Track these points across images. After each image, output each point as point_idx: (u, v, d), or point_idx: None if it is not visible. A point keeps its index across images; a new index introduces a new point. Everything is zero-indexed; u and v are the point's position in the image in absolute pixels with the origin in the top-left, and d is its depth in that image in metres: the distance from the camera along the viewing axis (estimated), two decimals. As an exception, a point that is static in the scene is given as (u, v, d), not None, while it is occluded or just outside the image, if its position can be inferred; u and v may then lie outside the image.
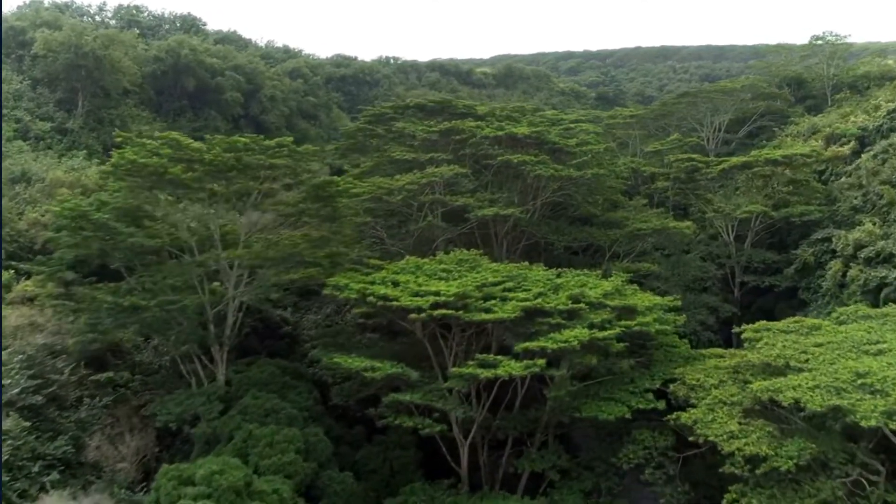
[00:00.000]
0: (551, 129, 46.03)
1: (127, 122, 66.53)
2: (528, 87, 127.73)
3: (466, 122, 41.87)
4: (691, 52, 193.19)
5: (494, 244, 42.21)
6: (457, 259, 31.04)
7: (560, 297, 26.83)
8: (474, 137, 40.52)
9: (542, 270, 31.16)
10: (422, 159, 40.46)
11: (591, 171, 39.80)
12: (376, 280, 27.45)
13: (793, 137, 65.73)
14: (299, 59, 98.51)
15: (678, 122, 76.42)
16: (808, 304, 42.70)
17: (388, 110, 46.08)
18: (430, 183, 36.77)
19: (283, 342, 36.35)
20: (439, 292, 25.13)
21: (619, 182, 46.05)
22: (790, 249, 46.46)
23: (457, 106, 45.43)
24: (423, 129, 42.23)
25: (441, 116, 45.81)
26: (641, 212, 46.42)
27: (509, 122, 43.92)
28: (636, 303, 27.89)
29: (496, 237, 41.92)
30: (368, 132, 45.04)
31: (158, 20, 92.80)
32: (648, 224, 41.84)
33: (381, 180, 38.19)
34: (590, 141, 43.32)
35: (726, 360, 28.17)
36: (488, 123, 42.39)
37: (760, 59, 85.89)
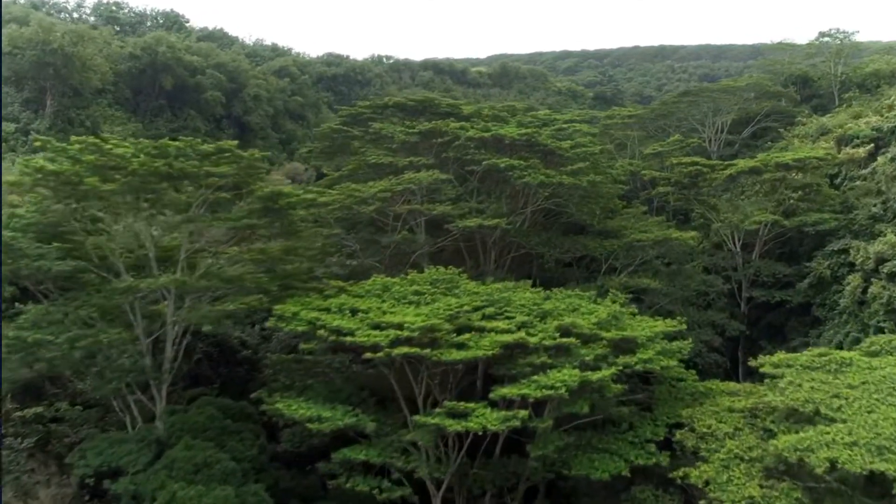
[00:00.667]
0: (543, 130, 41.74)
1: (99, 122, 62.29)
2: (525, 86, 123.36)
3: (449, 122, 37.52)
4: (690, 52, 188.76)
5: (481, 257, 37.96)
6: (431, 278, 26.76)
7: (547, 328, 22.55)
8: (458, 140, 36.21)
9: (528, 292, 26.90)
10: (400, 164, 36.23)
11: (586, 178, 35.46)
12: (333, 307, 23.15)
13: (800, 139, 61.43)
14: (287, 58, 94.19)
15: (678, 122, 72.10)
16: (824, 323, 38.41)
17: (365, 110, 41.77)
18: (406, 190, 32.43)
19: (241, 369, 32.08)
20: (403, 325, 20.83)
21: (616, 187, 41.66)
22: (802, 261, 42.12)
23: (440, 105, 41.09)
24: (402, 130, 37.94)
25: (423, 116, 41.55)
26: (641, 220, 42.08)
27: (496, 123, 39.58)
28: (636, 334, 23.59)
29: (483, 249, 37.65)
30: (344, 134, 40.72)
31: (140, 17, 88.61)
32: (648, 235, 37.51)
33: (353, 187, 33.90)
34: (585, 143, 38.98)
35: (741, 399, 23.85)
36: (473, 124, 38.04)
37: (764, 58, 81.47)
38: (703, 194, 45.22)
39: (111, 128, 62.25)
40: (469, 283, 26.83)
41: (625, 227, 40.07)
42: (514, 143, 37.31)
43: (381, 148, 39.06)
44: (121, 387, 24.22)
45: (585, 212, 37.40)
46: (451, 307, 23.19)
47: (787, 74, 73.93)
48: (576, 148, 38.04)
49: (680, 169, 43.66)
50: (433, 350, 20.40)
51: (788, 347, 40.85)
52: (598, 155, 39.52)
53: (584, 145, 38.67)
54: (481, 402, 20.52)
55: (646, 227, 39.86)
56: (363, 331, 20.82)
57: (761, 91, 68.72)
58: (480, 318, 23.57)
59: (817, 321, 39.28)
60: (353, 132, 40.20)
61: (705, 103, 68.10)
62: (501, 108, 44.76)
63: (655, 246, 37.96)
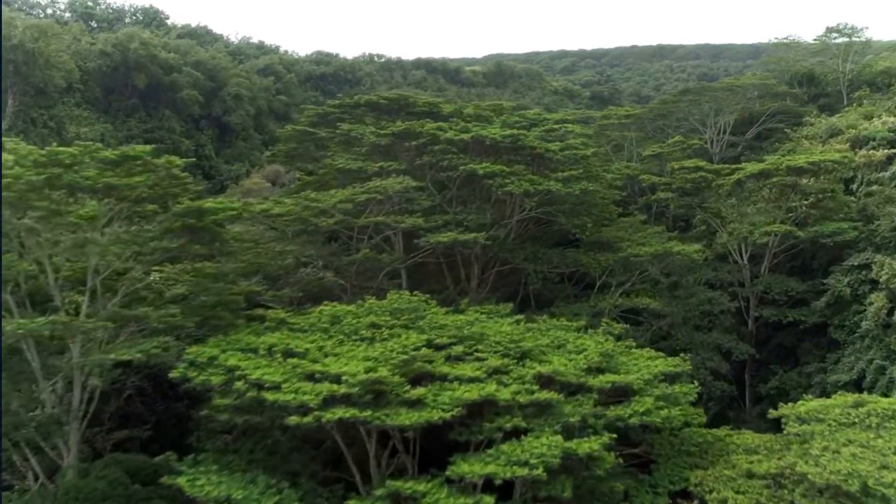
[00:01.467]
0: (530, 131, 37.26)
1: (64, 123, 57.81)
2: (520, 86, 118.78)
3: (425, 123, 32.99)
4: (688, 51, 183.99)
5: (462, 273, 33.48)
6: (392, 307, 22.27)
7: (525, 375, 18.09)
8: (435, 142, 31.69)
9: (506, 324, 22.45)
10: (369, 169, 31.74)
11: (577, 186, 30.93)
12: (263, 348, 18.65)
13: (808, 140, 56.90)
14: (272, 56, 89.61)
15: (677, 122, 67.63)
16: (843, 346, 33.86)
17: (334, 109, 37.27)
18: (371, 200, 27.91)
19: (180, 404, 27.57)
20: (340, 377, 16.34)
21: (611, 194, 37.11)
22: (817, 276, 37.55)
23: (415, 103, 36.53)
24: (373, 131, 33.43)
25: (398, 116, 37.07)
26: (639, 230, 37.55)
27: (479, 124, 35.08)
28: (631, 378, 19.08)
29: (464, 265, 33.17)
30: (310, 136, 36.21)
31: (118, 13, 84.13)
32: (647, 248, 32.97)
33: (312, 196, 29.40)
34: (576, 145, 34.44)
35: (762, 460, 19.29)
36: (452, 125, 33.51)
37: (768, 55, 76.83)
38: (707, 201, 40.67)
39: (77, 129, 57.80)
40: (437, 313, 22.33)
41: (621, 239, 35.55)
42: (497, 146, 32.81)
43: (351, 151, 34.57)
44: (21, 434, 19.82)
45: (577, 223, 32.84)
46: (409, 347, 18.68)
47: (793, 73, 69.28)
48: (566, 150, 33.52)
49: (682, 175, 39.07)
50: (377, 412, 15.90)
51: (802, 373, 36.50)
52: (592, 158, 34.93)
53: (575, 147, 34.13)
54: (439, 477, 16.00)
55: (644, 239, 35.34)
56: (291, 384, 16.33)
57: (766, 90, 64.18)
58: (445, 359, 19.12)
59: (835, 344, 34.75)
60: (321, 134, 35.68)
61: (707, 103, 63.59)
62: (486, 107, 40.28)
63: (655, 261, 33.43)
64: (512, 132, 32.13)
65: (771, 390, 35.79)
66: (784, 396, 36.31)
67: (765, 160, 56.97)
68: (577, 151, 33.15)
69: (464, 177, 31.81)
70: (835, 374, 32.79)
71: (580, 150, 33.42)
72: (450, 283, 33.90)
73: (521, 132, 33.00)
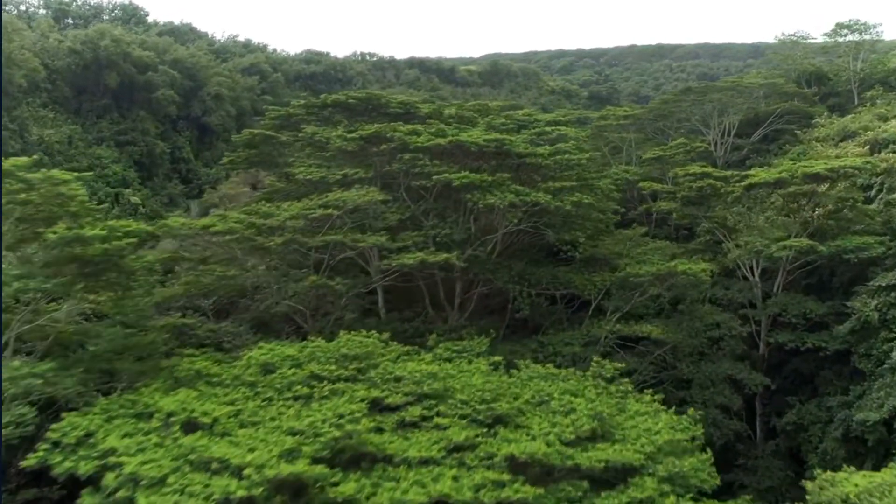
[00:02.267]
0: (518, 134, 32.98)
1: (27, 125, 53.38)
2: (516, 85, 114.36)
3: (397, 126, 28.66)
4: (688, 51, 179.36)
5: (442, 295, 29.18)
6: (340, 353, 17.98)
7: (495, 456, 13.81)
8: (407, 148, 27.36)
9: (478, 373, 18.18)
10: (331, 179, 27.48)
11: (570, 198, 26.57)
12: (162, 413, 14.34)
13: (819, 142, 52.53)
14: (258, 55, 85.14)
15: (679, 123, 63.24)
16: (870, 378, 29.49)
17: (298, 111, 32.96)
18: (326, 217, 23.56)
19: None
20: (244, 468, 12.02)
21: (608, 206, 32.78)
22: (837, 296, 33.24)
23: (389, 104, 32.17)
24: (339, 135, 29.12)
25: (372, 118, 32.80)
26: (639, 244, 33.23)
27: (461, 126, 30.79)
28: (630, 456, 14.75)
29: (445, 286, 28.88)
30: (270, 140, 31.89)
31: (95, 10, 79.82)
32: (649, 267, 28.60)
33: (266, 210, 25.07)
34: (569, 149, 30.07)
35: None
36: (428, 128, 29.17)
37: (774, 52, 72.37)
38: (713, 209, 36.29)
39: (41, 131, 53.52)
40: (396, 356, 18.07)
41: (619, 255, 31.23)
42: (481, 152, 28.47)
43: (316, 157, 30.30)
44: None
45: (568, 238, 28.49)
46: (350, 414, 14.40)
47: (801, 71, 64.82)
48: (556, 155, 29.16)
49: (687, 182, 34.69)
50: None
51: (823, 405, 32.10)
52: (587, 165, 30.57)
53: (567, 152, 29.77)
54: None
55: (645, 256, 31.02)
56: (178, 479, 12.01)
57: (773, 89, 59.75)
58: (396, 426, 14.86)
59: (859, 374, 30.35)
60: (282, 138, 31.38)
61: (710, 103, 59.19)
62: (469, 108, 35.96)
63: (657, 281, 29.06)
64: (495, 137, 27.78)
65: (787, 425, 31.46)
66: (802, 432, 32.03)
67: (773, 164, 52.94)
68: (570, 157, 28.78)
69: (440, 187, 27.49)
70: (861, 412, 28.36)
71: (573, 156, 29.05)
72: (428, 306, 29.63)
73: (506, 136, 28.67)
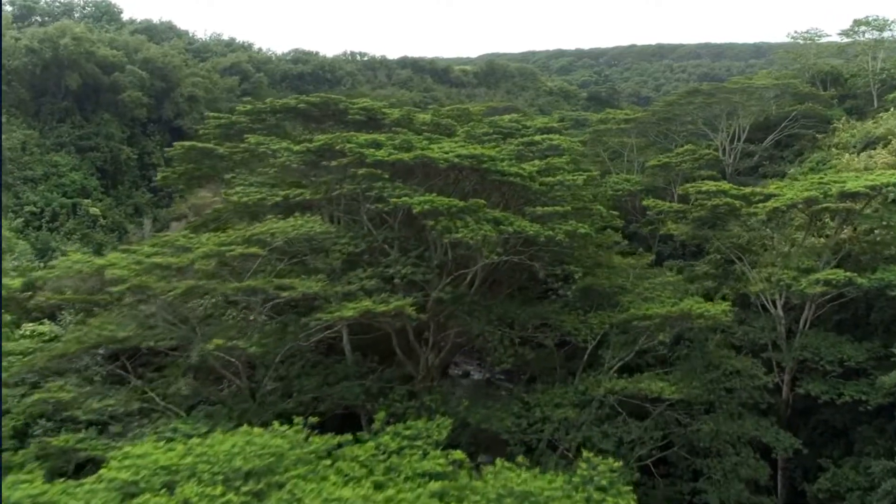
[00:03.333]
0: (504, 144, 27.55)
1: (-26, 129, 47.89)
2: (513, 86, 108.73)
3: (353, 136, 23.17)
4: (689, 51, 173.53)
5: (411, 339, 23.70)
6: (233, 465, 12.54)
7: None
8: (364, 163, 21.87)
9: (425, 495, 12.77)
10: (269, 202, 22.06)
11: (562, 227, 21.08)
12: None
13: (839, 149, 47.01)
14: (240, 54, 79.50)
15: (683, 126, 57.87)
16: (923, 440, 24.07)
17: (242, 118, 27.53)
18: (248, 256, 18.08)
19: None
20: None
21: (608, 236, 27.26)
22: (876, 334, 27.77)
23: (348, 109, 26.66)
24: (284, 148, 23.67)
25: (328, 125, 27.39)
26: (644, 275, 27.73)
27: (431, 137, 25.32)
28: None
29: (416, 333, 23.40)
30: (210, 153, 26.46)
31: (66, 7, 74.16)
32: (657, 308, 23.06)
33: (177, 242, 19.64)
34: (562, 167, 24.58)
35: None
36: (393, 138, 23.69)
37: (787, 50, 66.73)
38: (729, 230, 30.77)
39: (-10, 136, 47.98)
40: (300, 480, 12.64)
41: (621, 289, 25.69)
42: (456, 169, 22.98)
43: (259, 174, 24.86)
44: None
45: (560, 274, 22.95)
46: None
47: (815, 71, 59.12)
48: (546, 176, 23.67)
49: (700, 200, 29.14)
50: None
51: (861, 468, 26.50)
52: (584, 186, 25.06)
53: (560, 169, 24.28)
54: None
55: (653, 291, 25.51)
56: None
57: (787, 90, 54.14)
58: None
59: (907, 433, 24.96)
60: (221, 150, 25.93)
61: (717, 105, 53.65)
62: (447, 113, 30.49)
63: (667, 323, 23.55)
64: (471, 151, 22.25)
65: (820, 493, 25.94)
66: (837, 501, 26.60)
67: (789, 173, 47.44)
68: (563, 178, 23.30)
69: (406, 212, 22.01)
70: None
71: (566, 177, 23.56)
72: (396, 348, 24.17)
73: (485, 150, 23.15)
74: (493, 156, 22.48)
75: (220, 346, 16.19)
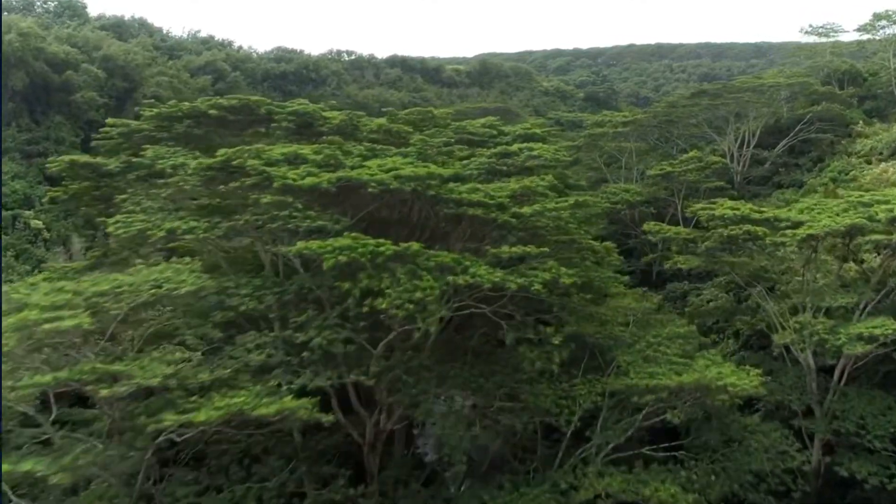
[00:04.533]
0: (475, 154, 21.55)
1: None
2: (507, 86, 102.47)
3: (271, 149, 17.16)
4: (689, 50, 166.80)
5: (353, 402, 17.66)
6: None
7: None
8: (270, 187, 15.83)
9: None
10: (152, 237, 16.07)
11: (540, 276, 15.03)
12: None
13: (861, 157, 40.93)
14: (215, 52, 73.23)
15: (685, 130, 51.85)
16: None
17: (146, 125, 21.53)
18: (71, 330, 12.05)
19: None
20: None
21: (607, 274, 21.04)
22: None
23: (274, 114, 20.58)
24: (180, 164, 17.66)
25: (256, 133, 21.40)
26: (648, 321, 21.63)
27: (374, 150, 19.27)
28: None
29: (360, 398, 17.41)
30: (96, 169, 20.45)
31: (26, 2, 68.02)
32: (665, 379, 16.98)
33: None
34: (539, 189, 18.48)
35: None
36: (320, 151, 17.62)
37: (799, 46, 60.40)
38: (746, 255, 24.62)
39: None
40: None
41: (617, 343, 19.62)
42: (396, 198, 16.90)
43: (152, 197, 18.84)
44: None
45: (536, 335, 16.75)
46: None
47: (832, 70, 52.80)
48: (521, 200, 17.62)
49: (716, 227, 22.99)
50: None
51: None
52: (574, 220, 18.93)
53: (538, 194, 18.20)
54: None
55: (657, 346, 19.41)
56: None
57: (802, 90, 48.01)
58: None
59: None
60: (109, 165, 19.94)
61: (725, 106, 47.58)
62: (406, 117, 24.40)
63: (677, 398, 17.47)
64: (416, 171, 16.14)
65: None
66: None
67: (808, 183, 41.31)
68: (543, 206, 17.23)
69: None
70: None
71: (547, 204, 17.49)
72: (342, 420, 18.11)
73: (437, 168, 17.04)
74: (446, 176, 16.41)
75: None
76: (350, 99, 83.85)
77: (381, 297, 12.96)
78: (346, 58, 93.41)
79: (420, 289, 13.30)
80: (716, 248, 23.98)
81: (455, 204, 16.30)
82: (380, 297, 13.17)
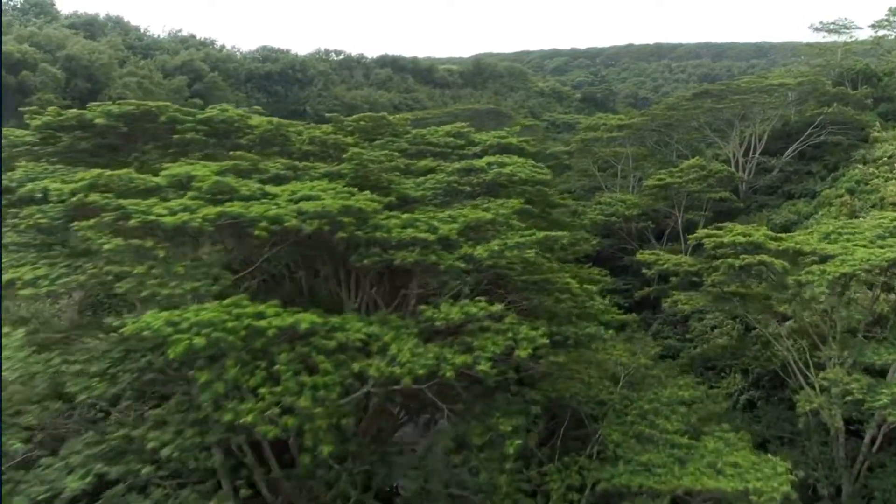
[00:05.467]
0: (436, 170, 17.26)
1: None
2: (502, 86, 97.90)
3: (130, 173, 12.76)
4: (688, 50, 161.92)
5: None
6: None
7: None
8: (127, 221, 11.39)
9: None
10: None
11: (486, 352, 10.61)
12: None
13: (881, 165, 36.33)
14: (193, 51, 68.70)
15: (685, 134, 47.38)
16: None
17: (30, 136, 17.32)
18: None
19: None
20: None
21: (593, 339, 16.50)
22: None
23: (177, 123, 16.20)
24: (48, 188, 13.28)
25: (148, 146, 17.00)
26: (644, 377, 17.17)
27: (298, 167, 14.87)
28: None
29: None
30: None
31: (-9, 0, 63.49)
32: (664, 477, 12.57)
33: None
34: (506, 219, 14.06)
35: None
36: (221, 171, 13.21)
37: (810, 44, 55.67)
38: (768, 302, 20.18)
39: None
40: None
41: (602, 410, 15.19)
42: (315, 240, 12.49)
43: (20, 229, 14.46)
44: None
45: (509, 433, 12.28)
46: None
47: (844, 69, 48.08)
48: (476, 233, 13.22)
49: (726, 257, 18.52)
50: None
51: None
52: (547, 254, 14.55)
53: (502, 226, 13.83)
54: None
55: (655, 415, 14.96)
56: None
57: (813, 91, 43.43)
58: None
59: None
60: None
61: (729, 108, 43.03)
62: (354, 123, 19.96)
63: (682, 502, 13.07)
64: (327, 206, 11.68)
65: None
66: None
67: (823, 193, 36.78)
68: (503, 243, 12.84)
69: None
70: None
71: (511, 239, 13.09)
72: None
73: (357, 201, 12.55)
74: (367, 212, 11.97)
75: None
76: (337, 100, 79.40)
77: (246, 412, 8.54)
78: (334, 57, 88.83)
79: (308, 389, 8.85)
80: (724, 281, 19.53)
81: (378, 250, 11.86)
82: (245, 402, 8.75)
